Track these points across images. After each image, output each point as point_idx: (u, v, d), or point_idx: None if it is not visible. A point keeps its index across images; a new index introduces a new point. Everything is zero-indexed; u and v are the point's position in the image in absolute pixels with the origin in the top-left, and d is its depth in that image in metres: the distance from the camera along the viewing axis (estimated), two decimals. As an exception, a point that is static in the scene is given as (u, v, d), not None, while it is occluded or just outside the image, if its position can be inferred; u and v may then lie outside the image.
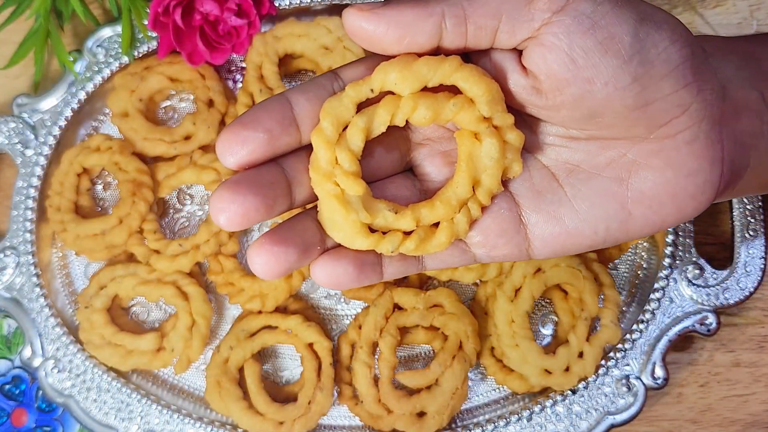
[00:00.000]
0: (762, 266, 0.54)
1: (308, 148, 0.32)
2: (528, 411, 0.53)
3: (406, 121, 0.32)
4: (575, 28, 0.28)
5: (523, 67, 0.30)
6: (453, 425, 0.55)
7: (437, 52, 0.30)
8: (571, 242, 0.33)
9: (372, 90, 0.31)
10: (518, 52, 0.31)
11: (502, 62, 0.31)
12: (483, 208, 0.32)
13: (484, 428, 0.53)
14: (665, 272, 0.55)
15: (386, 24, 0.29)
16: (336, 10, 0.60)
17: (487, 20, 0.29)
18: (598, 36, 0.28)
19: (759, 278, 0.54)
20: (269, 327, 0.55)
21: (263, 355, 0.57)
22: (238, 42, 0.55)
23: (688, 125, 0.31)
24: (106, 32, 0.59)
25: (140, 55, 0.59)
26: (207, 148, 0.58)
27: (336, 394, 0.55)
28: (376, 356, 0.54)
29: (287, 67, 0.61)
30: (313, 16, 0.60)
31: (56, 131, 0.58)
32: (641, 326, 0.54)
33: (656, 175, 0.32)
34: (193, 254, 0.55)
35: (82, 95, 0.58)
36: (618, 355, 0.54)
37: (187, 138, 0.58)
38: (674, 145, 0.31)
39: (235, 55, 0.62)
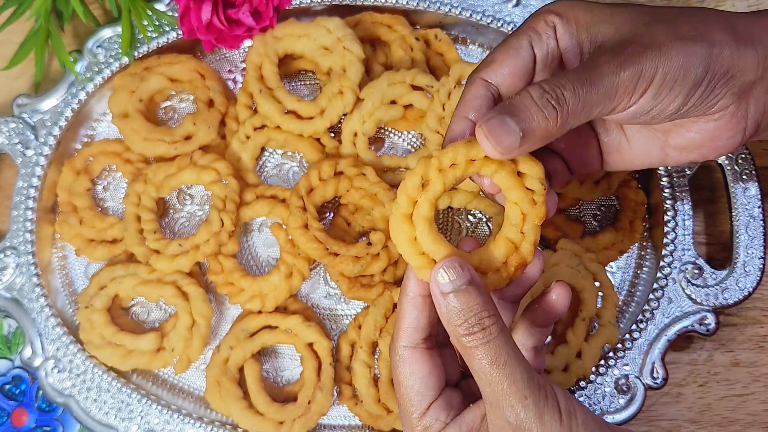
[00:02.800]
0: (761, 266, 0.54)
1: None
2: (527, 411, 0.53)
3: None
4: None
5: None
6: (452, 425, 0.55)
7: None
8: (628, 165, 0.46)
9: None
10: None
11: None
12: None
13: (484, 428, 0.53)
14: (664, 272, 0.55)
15: None
16: (336, 11, 0.60)
17: None
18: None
19: (758, 278, 0.54)
20: (269, 327, 0.55)
21: (263, 355, 0.57)
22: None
23: (722, 116, 0.41)
24: (107, 33, 0.59)
25: (140, 56, 0.59)
26: (207, 148, 0.58)
27: (336, 393, 0.55)
28: (376, 356, 0.55)
29: (287, 67, 0.61)
30: (313, 17, 0.60)
31: (56, 131, 0.58)
32: (640, 326, 0.54)
33: (689, 135, 0.42)
34: (193, 254, 0.55)
35: (83, 95, 0.58)
36: (617, 354, 0.54)
37: (188, 138, 0.58)
38: (705, 120, 0.41)
39: (235, 56, 0.62)
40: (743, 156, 0.56)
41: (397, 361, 0.40)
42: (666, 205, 0.56)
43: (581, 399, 0.53)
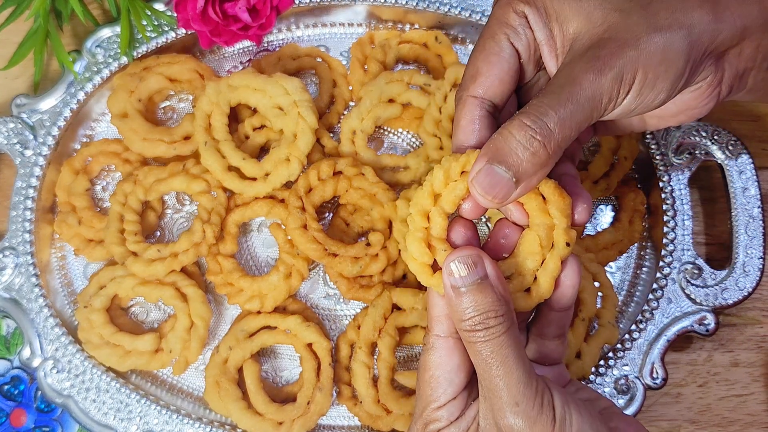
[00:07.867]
0: (760, 266, 0.54)
1: None
2: (527, 411, 0.53)
3: None
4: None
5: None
6: (452, 425, 0.55)
7: None
8: (613, 133, 0.45)
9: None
10: None
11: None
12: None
13: (483, 428, 0.53)
14: (664, 272, 0.55)
15: None
16: (336, 11, 0.60)
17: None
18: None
19: (757, 278, 0.54)
20: (268, 327, 0.55)
21: (262, 356, 0.57)
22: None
23: (699, 86, 0.40)
24: (106, 33, 0.59)
25: (139, 56, 0.59)
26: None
27: (335, 394, 0.55)
28: (375, 356, 0.55)
29: (287, 67, 0.61)
30: (314, 17, 0.60)
31: (55, 131, 0.58)
32: (640, 326, 0.54)
33: (665, 106, 0.40)
34: (170, 262, 0.54)
35: (82, 95, 0.58)
36: (617, 355, 0.54)
37: (187, 138, 0.58)
38: (682, 92, 0.40)
39: (235, 55, 0.62)
40: (742, 156, 0.56)
41: (427, 347, 0.39)
42: (666, 205, 0.56)
43: (581, 399, 0.53)
